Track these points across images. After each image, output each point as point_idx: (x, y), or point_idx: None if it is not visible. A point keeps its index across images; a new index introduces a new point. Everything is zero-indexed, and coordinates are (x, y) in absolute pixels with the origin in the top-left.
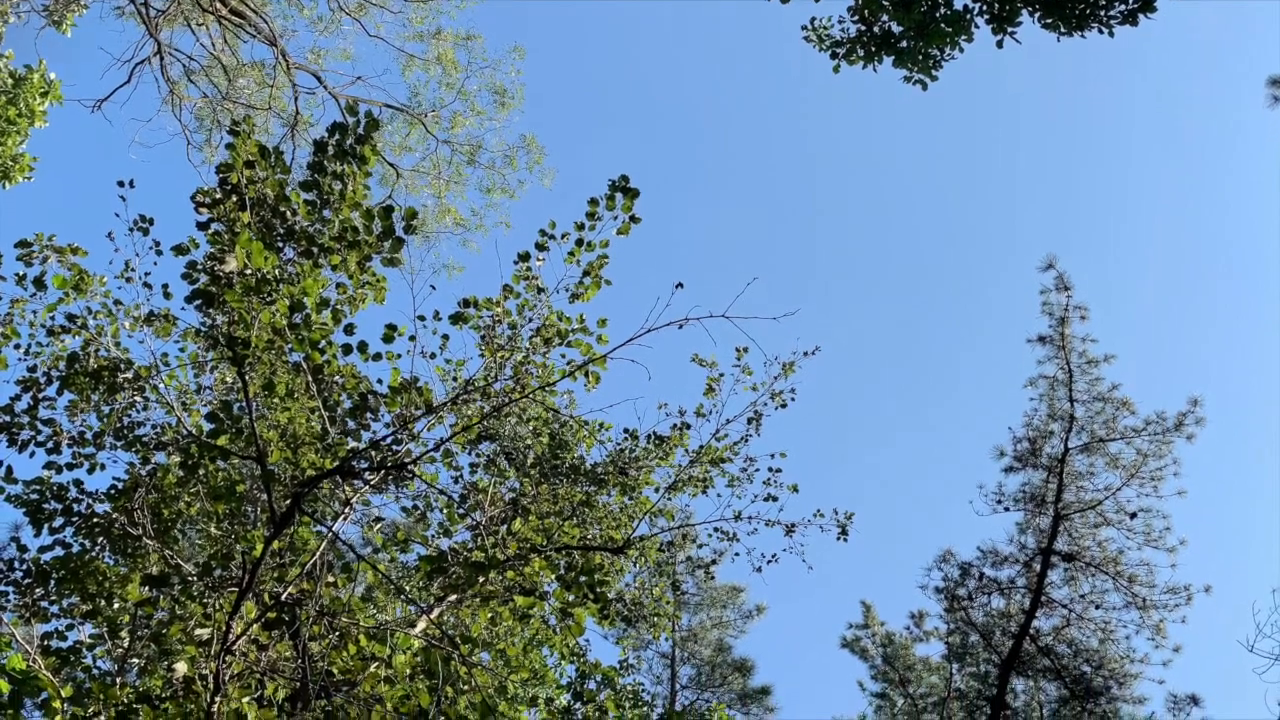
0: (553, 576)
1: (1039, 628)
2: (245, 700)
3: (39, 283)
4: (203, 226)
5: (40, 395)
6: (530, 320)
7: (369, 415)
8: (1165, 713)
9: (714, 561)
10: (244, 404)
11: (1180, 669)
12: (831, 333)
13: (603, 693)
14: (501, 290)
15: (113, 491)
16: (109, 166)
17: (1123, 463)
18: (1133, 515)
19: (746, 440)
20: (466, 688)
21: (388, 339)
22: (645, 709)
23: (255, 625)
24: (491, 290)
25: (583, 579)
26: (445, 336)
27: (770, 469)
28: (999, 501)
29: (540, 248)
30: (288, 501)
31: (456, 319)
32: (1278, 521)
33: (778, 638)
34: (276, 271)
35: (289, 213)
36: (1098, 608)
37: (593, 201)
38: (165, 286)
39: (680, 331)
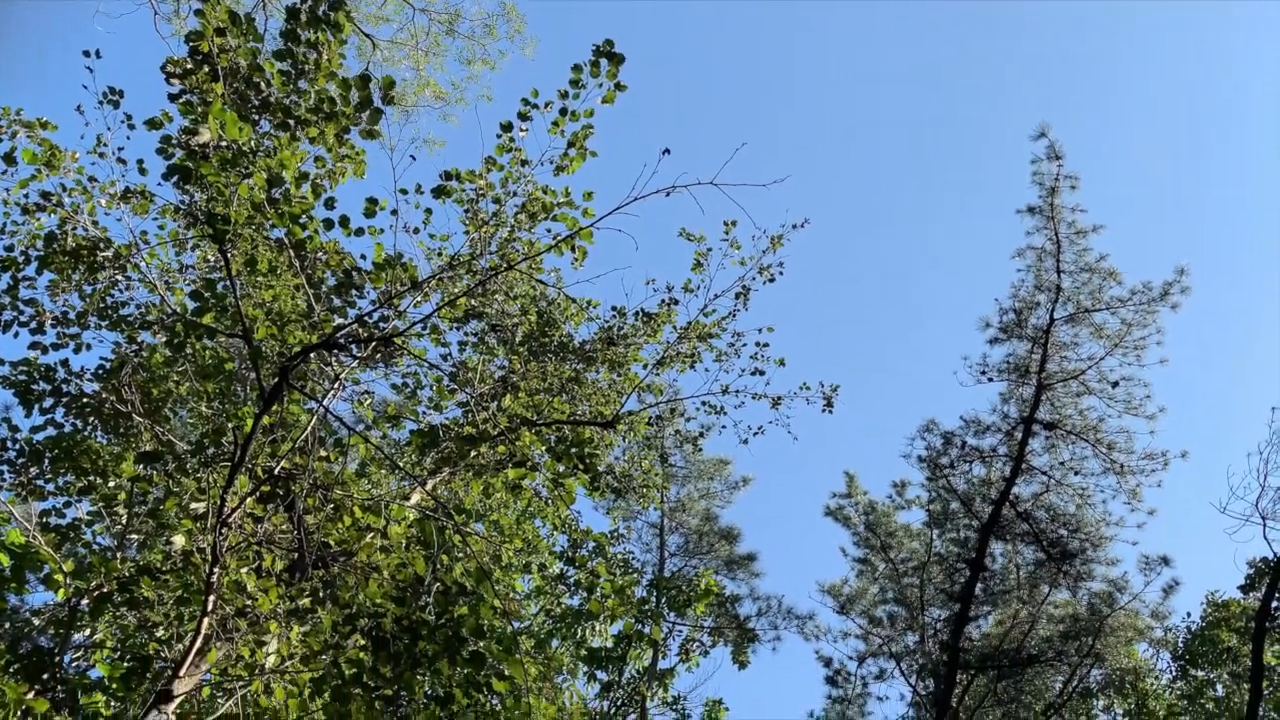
0: (543, 449)
1: (1019, 494)
2: (244, 571)
3: (8, 158)
4: (174, 98)
5: (20, 275)
6: (514, 194)
7: (354, 292)
8: (1137, 573)
9: (701, 435)
10: (227, 282)
11: (1154, 532)
12: (820, 205)
13: (594, 560)
14: (484, 163)
15: (100, 371)
16: (74, 39)
17: (1107, 333)
18: (1114, 384)
19: (734, 315)
20: (462, 556)
21: (369, 213)
22: (635, 575)
23: (250, 499)
24: (474, 166)
25: (573, 450)
26: (428, 211)
27: (757, 344)
28: (983, 373)
29: (523, 117)
30: (276, 379)
31: (439, 192)
32: (1257, 386)
33: (763, 508)
34: (253, 144)
35: (263, 84)
36: (1076, 474)
37: (576, 68)
38: (140, 162)
39: (668, 208)
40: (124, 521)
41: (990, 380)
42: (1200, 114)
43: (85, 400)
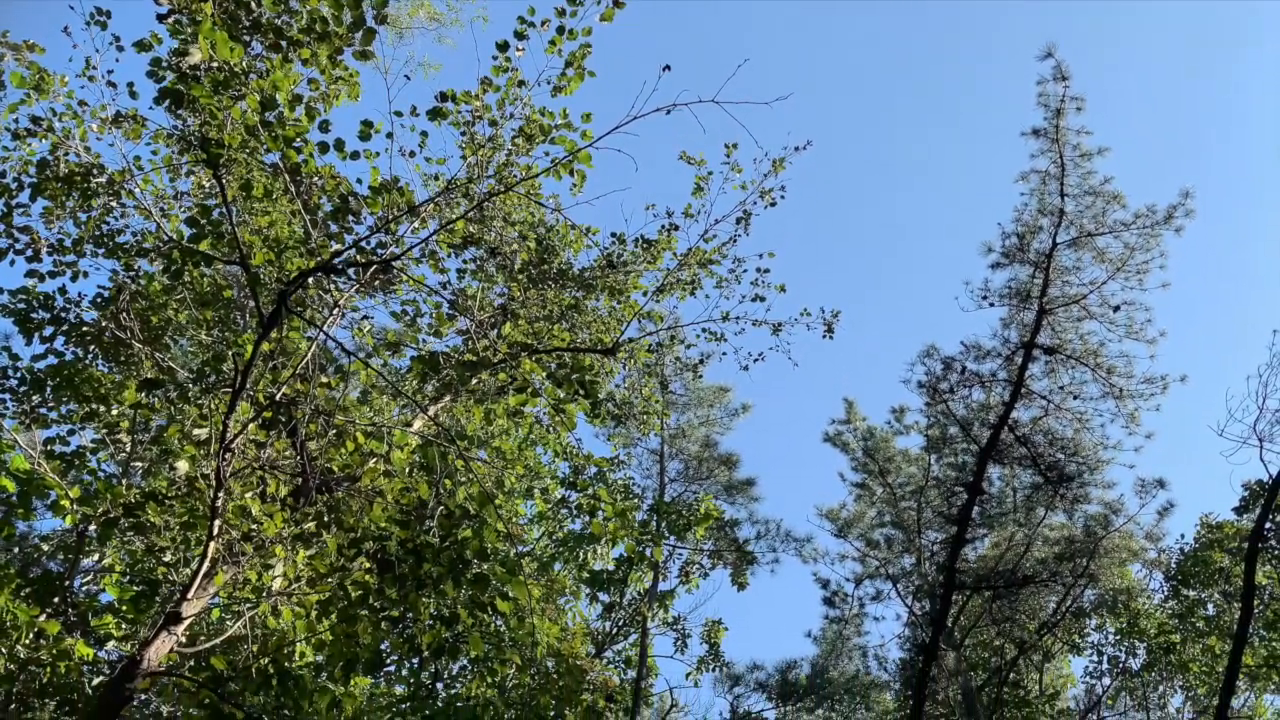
0: (543, 374)
1: (1017, 418)
2: (248, 496)
3: None
4: (163, 18)
5: (14, 202)
6: (511, 117)
7: (351, 218)
8: (1133, 495)
9: (702, 362)
10: (223, 209)
11: (1151, 455)
12: (823, 128)
13: (595, 485)
14: (480, 84)
15: (99, 300)
16: None
17: (1109, 256)
18: (1116, 308)
19: (735, 241)
20: (465, 480)
21: (364, 137)
22: (636, 501)
23: (252, 425)
24: (470, 89)
25: (574, 377)
26: (424, 134)
27: (758, 269)
28: (984, 298)
29: (519, 36)
30: (275, 305)
31: (435, 115)
32: (1258, 309)
33: (762, 434)
34: (245, 66)
35: (253, 3)
36: (1075, 398)
37: None
38: (130, 85)
39: (669, 131)
40: (128, 449)
41: (991, 305)
42: (1209, 33)
43: (85, 329)
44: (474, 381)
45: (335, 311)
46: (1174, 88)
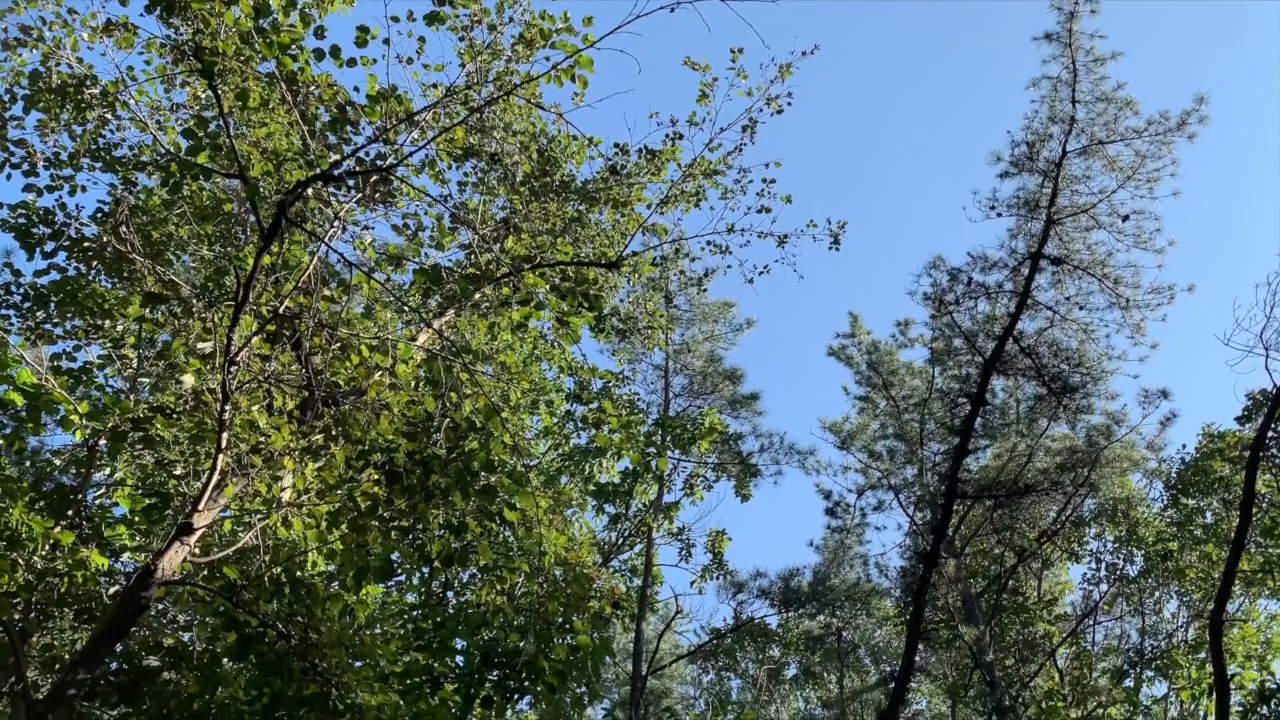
0: (547, 288)
1: (1022, 330)
2: (255, 409)
3: None
4: None
5: (7, 114)
6: (511, 21)
7: (349, 128)
8: (1135, 406)
9: (706, 275)
10: (220, 121)
11: (1155, 366)
12: (831, 33)
13: (599, 400)
14: None
15: (99, 215)
16: None
17: (1120, 165)
18: (1125, 218)
19: (740, 150)
20: (470, 393)
21: (360, 43)
22: (641, 415)
23: (256, 338)
24: None
25: (578, 289)
26: (421, 40)
27: (764, 180)
28: (992, 208)
29: None
30: (275, 216)
31: (432, 19)
32: (1268, 218)
33: (767, 349)
34: None
35: None
36: (1081, 309)
37: None
38: None
39: (673, 37)
40: (134, 365)
41: (999, 215)
42: None
43: (86, 244)
44: (477, 295)
45: (336, 225)
46: None
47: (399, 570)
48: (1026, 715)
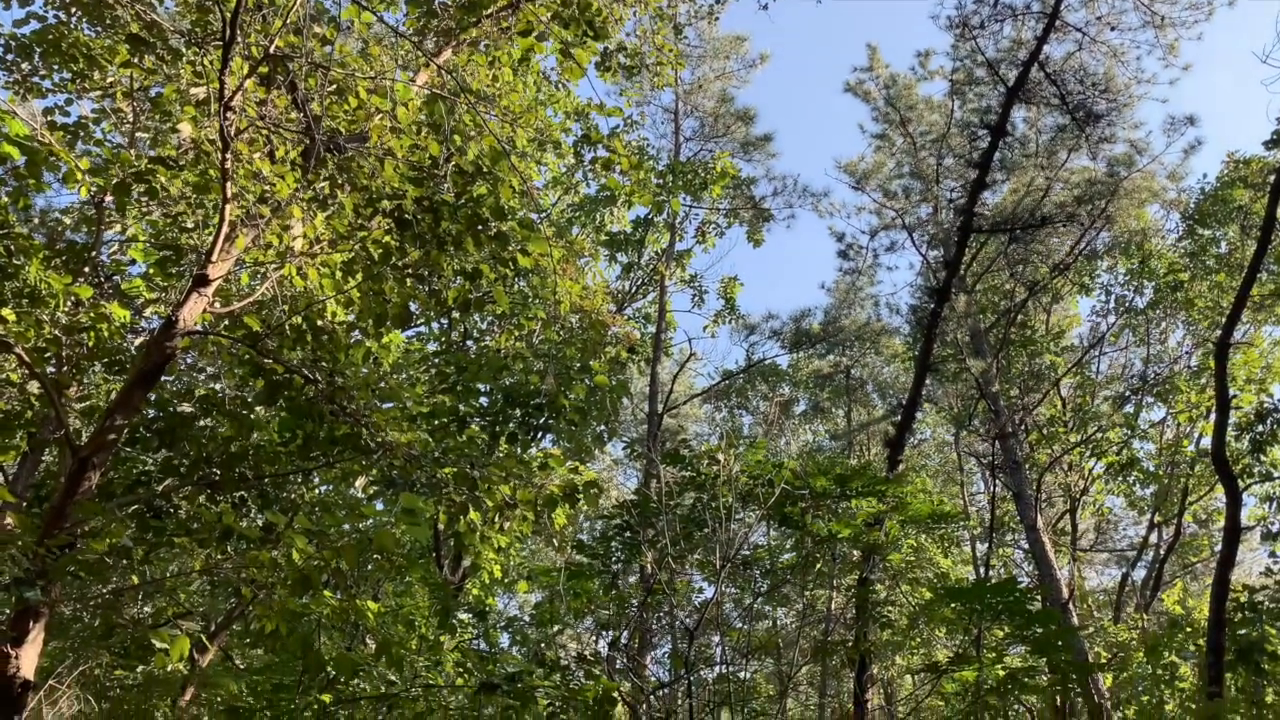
0: (548, 14)
1: (1049, 54)
2: (257, 157)
3: None
4: None
5: None
6: None
7: None
8: (1160, 134)
9: (718, 2)
10: None
11: (1184, 91)
12: None
13: (603, 146)
14: None
15: None
16: None
17: None
18: None
19: None
20: (475, 135)
21: None
22: (651, 162)
23: (250, 81)
24: None
25: (581, 16)
26: None
27: None
28: None
29: None
30: None
31: None
32: None
33: (780, 87)
34: None
35: None
36: (1113, 29)
37: None
38: None
39: None
40: (130, 119)
41: None
42: None
43: None
44: (475, 28)
45: None
46: None
47: (418, 319)
48: (1028, 441)
